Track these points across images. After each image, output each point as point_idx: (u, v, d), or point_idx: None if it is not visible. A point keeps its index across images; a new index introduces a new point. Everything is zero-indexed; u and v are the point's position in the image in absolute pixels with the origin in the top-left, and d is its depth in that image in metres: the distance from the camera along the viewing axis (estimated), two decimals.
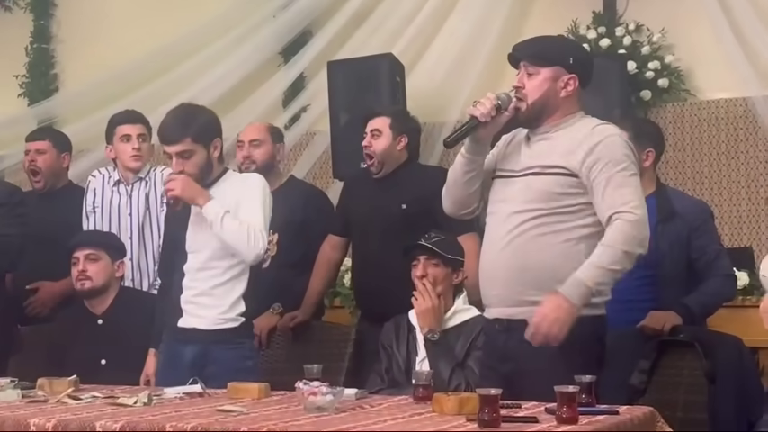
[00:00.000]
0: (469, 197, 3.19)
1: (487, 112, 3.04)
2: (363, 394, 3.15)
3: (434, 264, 3.58)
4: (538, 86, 3.07)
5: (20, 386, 3.32)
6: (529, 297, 3.02)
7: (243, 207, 3.51)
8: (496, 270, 3.09)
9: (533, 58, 3.09)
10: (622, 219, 2.93)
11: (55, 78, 6.70)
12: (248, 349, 3.64)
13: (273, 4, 6.00)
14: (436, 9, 5.68)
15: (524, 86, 3.08)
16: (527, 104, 3.07)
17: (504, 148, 3.18)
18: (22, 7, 6.75)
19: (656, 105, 5.31)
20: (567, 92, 3.08)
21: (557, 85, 3.07)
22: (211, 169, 3.59)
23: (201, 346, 3.55)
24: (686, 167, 5.27)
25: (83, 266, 4.03)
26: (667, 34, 5.31)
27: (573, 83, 3.08)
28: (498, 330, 3.11)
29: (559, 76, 3.07)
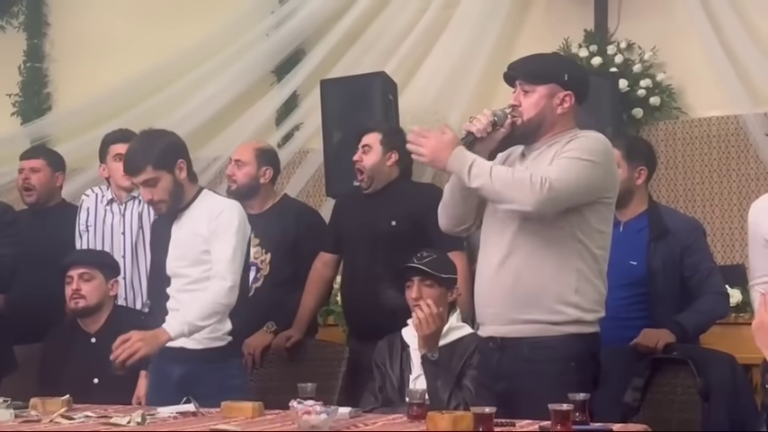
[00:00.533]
0: (466, 214, 3.19)
1: (484, 127, 3.05)
2: (357, 413, 3.15)
3: (428, 285, 3.57)
4: (534, 104, 3.08)
5: (12, 406, 3.31)
6: (523, 315, 3.02)
7: (215, 249, 3.53)
8: (492, 288, 3.09)
9: (529, 77, 3.11)
10: (534, 173, 2.92)
11: (48, 97, 6.71)
12: (235, 368, 3.64)
13: (266, 23, 6.02)
14: (428, 28, 5.71)
15: (520, 104, 3.09)
16: (523, 120, 3.09)
17: (501, 164, 3.18)
18: (15, 26, 6.76)
19: (648, 123, 5.33)
20: (564, 108, 3.09)
21: (552, 102, 3.09)
22: (182, 191, 3.61)
23: (188, 366, 3.56)
24: (678, 185, 5.29)
25: (77, 285, 4.02)
26: (659, 52, 5.34)
27: (569, 99, 3.10)
28: (492, 349, 3.10)
29: (555, 93, 3.09)
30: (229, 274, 3.50)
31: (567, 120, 3.11)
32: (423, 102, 5.61)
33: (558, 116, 3.09)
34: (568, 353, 2.97)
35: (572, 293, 2.98)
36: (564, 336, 2.99)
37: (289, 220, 4.44)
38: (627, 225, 3.93)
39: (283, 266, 4.39)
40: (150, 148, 3.60)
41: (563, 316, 2.99)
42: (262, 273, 4.38)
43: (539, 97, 3.08)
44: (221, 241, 3.54)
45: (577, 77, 3.17)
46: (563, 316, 2.99)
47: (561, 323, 2.99)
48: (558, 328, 3.00)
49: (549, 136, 3.10)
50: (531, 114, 3.08)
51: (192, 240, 3.59)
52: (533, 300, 3.00)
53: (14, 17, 6.77)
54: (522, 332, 3.00)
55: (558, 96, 3.09)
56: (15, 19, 6.77)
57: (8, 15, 6.78)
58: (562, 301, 2.99)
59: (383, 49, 5.75)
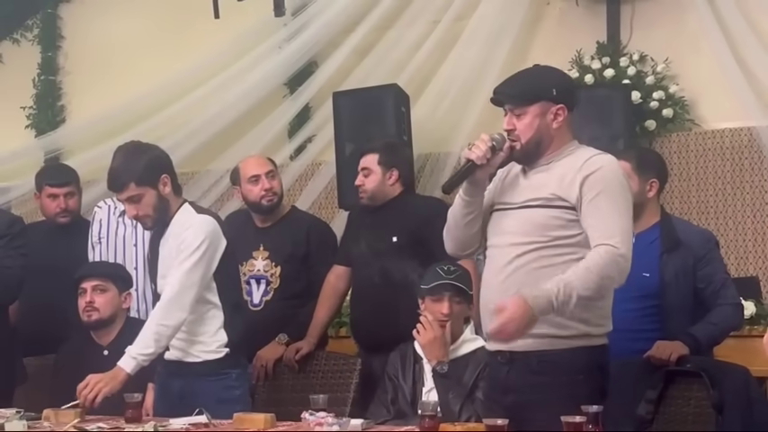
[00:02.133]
0: (471, 238, 3.19)
1: (483, 154, 3.04)
2: (369, 425, 3.14)
3: (458, 301, 3.57)
4: (529, 125, 3.06)
5: (25, 417, 3.32)
6: (533, 330, 2.99)
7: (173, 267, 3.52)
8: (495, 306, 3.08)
9: (517, 99, 3.09)
10: (607, 248, 2.91)
11: (62, 110, 6.74)
12: (234, 379, 3.63)
13: (279, 36, 6.04)
14: (441, 40, 5.71)
15: (515, 128, 3.08)
16: (521, 144, 3.07)
17: (501, 181, 3.19)
18: (29, 39, 6.80)
19: (661, 135, 5.32)
20: (558, 122, 3.07)
21: (546, 119, 3.07)
22: (168, 205, 3.61)
23: (186, 379, 3.59)
24: (691, 197, 5.27)
25: (90, 297, 4.02)
26: (671, 64, 5.34)
27: (562, 112, 3.08)
28: (501, 362, 3.09)
29: (547, 109, 3.07)
30: (173, 290, 3.48)
31: (563, 132, 3.10)
32: (435, 114, 5.62)
33: (554, 131, 3.08)
34: (576, 365, 2.96)
35: (581, 308, 2.96)
36: (572, 348, 2.99)
37: (298, 233, 4.44)
38: (639, 237, 3.92)
39: (293, 279, 4.39)
40: (133, 164, 3.57)
41: (571, 330, 2.98)
42: (272, 286, 4.38)
43: (532, 118, 3.06)
44: (178, 259, 3.53)
45: (565, 87, 3.15)
46: (571, 330, 2.98)
47: (570, 337, 2.98)
48: (567, 341, 2.99)
49: (550, 151, 3.09)
50: (528, 136, 3.06)
51: (171, 257, 3.60)
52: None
53: (29, 30, 6.81)
54: (530, 346, 2.99)
55: (551, 112, 3.07)
56: (30, 32, 6.80)
57: (23, 28, 6.82)
58: (572, 315, 2.97)
59: (395, 62, 5.76)
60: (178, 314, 3.48)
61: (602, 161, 3.04)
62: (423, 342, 3.51)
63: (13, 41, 6.84)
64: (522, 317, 2.85)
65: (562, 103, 3.08)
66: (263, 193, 4.38)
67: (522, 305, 2.86)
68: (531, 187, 3.08)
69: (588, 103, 5.10)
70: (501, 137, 3.08)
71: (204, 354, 3.59)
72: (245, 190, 4.44)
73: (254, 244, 4.44)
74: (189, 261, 3.50)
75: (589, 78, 5.38)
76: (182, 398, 3.53)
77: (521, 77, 3.20)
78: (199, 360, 3.59)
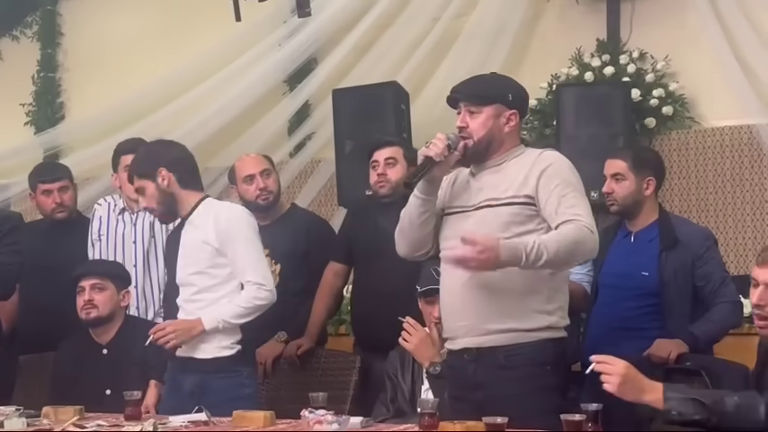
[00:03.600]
0: (424, 238, 3.26)
1: (441, 151, 3.11)
2: (369, 423, 3.14)
3: None
4: (482, 124, 3.16)
5: (25, 415, 3.32)
6: (498, 325, 3.08)
7: (237, 257, 3.57)
8: (463, 302, 3.14)
9: (474, 98, 3.19)
10: (576, 222, 3.00)
11: (61, 107, 6.74)
12: (246, 377, 3.64)
13: (279, 33, 6.03)
14: (440, 38, 5.71)
15: (468, 125, 3.16)
16: (474, 141, 3.16)
17: (450, 187, 3.26)
18: (29, 36, 6.80)
19: (661, 133, 5.32)
20: (510, 127, 3.19)
21: (500, 121, 3.17)
22: (173, 199, 3.66)
23: (199, 376, 3.59)
24: (691, 195, 5.27)
25: (89, 296, 4.02)
26: (671, 62, 5.33)
27: (514, 118, 3.20)
28: (468, 360, 3.15)
29: (501, 113, 3.17)
30: (260, 277, 3.56)
31: (513, 137, 3.21)
32: (434, 111, 5.61)
33: (505, 134, 3.18)
34: (543, 357, 3.06)
35: (544, 301, 3.08)
36: (538, 341, 3.07)
37: (298, 231, 4.44)
38: (638, 235, 3.92)
39: (295, 277, 4.39)
40: (136, 158, 3.80)
41: (536, 322, 3.07)
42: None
43: (486, 118, 3.16)
44: (240, 247, 3.57)
45: (520, 96, 3.27)
46: (536, 322, 3.07)
47: (535, 329, 3.07)
48: (532, 333, 3.07)
49: (499, 153, 3.19)
50: (480, 135, 3.16)
51: (198, 249, 3.60)
52: (506, 311, 3.07)
53: (28, 27, 6.81)
54: (497, 341, 3.08)
55: (505, 116, 3.18)
56: (29, 29, 6.80)
57: (22, 25, 6.82)
58: (536, 309, 3.07)
59: (395, 59, 5.76)
60: (267, 295, 3.57)
61: (553, 156, 3.17)
62: (410, 348, 3.51)
63: (13, 38, 6.84)
64: (490, 250, 2.89)
65: (516, 108, 3.19)
66: (258, 192, 4.40)
67: (493, 241, 2.92)
68: (488, 188, 3.16)
69: (588, 100, 5.11)
70: (455, 136, 3.17)
71: (217, 350, 3.59)
72: (241, 189, 4.45)
73: None
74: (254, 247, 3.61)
75: (589, 76, 5.37)
76: (193, 394, 3.53)
77: (479, 80, 3.34)
78: (210, 357, 3.59)
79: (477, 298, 3.09)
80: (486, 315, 3.08)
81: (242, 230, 3.59)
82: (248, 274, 3.56)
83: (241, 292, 3.58)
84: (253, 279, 3.55)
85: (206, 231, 3.59)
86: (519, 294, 3.06)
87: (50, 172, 4.85)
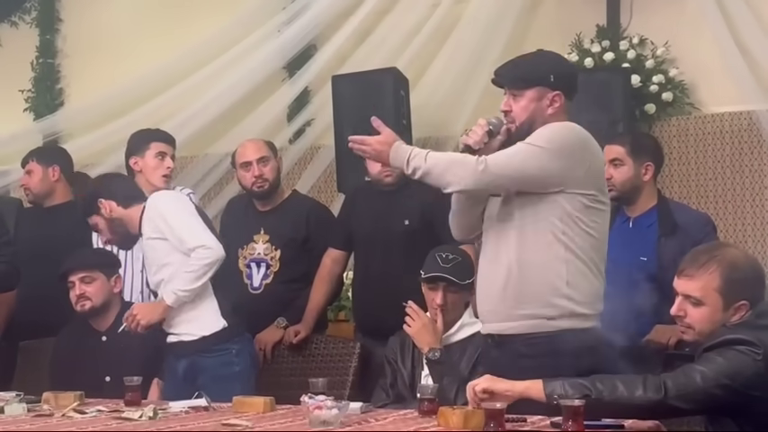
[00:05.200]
0: (475, 221, 3.24)
1: (480, 139, 3.10)
2: (368, 408, 3.15)
3: (453, 291, 3.56)
4: (524, 108, 3.12)
5: (25, 400, 3.33)
6: (517, 311, 3.06)
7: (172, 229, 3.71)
8: (488, 286, 3.14)
9: (515, 82, 3.16)
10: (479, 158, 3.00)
11: (60, 93, 6.72)
12: (234, 355, 3.72)
13: (278, 19, 6.01)
14: (440, 23, 5.69)
15: (511, 109, 3.14)
16: (516, 126, 3.13)
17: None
18: (27, 22, 6.78)
19: (661, 119, 5.31)
20: (554, 108, 3.13)
21: (542, 104, 3.13)
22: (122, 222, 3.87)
23: (190, 358, 3.70)
24: (691, 181, 5.27)
25: (80, 290, 4.03)
26: (671, 48, 5.32)
27: (558, 99, 3.14)
28: (491, 345, 3.15)
29: (543, 95, 3.13)
30: (197, 240, 3.66)
31: (558, 118, 3.14)
32: (434, 98, 5.61)
33: (548, 116, 3.13)
34: (562, 348, 3.00)
35: (563, 285, 3.02)
36: (558, 331, 3.03)
37: (299, 217, 4.44)
38: (636, 221, 3.93)
39: (293, 263, 4.39)
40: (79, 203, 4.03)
41: (556, 309, 3.02)
42: (272, 269, 4.39)
43: (528, 101, 3.12)
44: (169, 222, 3.70)
45: (564, 75, 3.19)
46: (556, 309, 3.02)
47: (555, 317, 3.02)
48: (553, 323, 3.03)
49: None
50: (522, 119, 3.13)
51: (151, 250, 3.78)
52: (526, 295, 3.05)
53: (27, 13, 6.78)
54: (517, 329, 3.06)
55: (547, 98, 3.13)
56: (28, 15, 6.78)
57: (21, 11, 6.80)
58: (554, 293, 3.03)
59: (394, 45, 5.74)
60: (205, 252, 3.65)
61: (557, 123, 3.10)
62: (412, 333, 3.52)
63: (11, 24, 6.82)
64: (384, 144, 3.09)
65: (559, 89, 3.13)
66: (254, 179, 4.41)
67: (391, 138, 3.10)
68: None
69: (587, 86, 5.06)
70: (498, 121, 3.14)
71: (201, 330, 3.70)
72: (239, 175, 4.49)
73: (254, 228, 4.45)
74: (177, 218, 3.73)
75: (588, 62, 5.36)
76: (185, 378, 3.64)
77: (521, 61, 3.26)
78: (197, 337, 3.69)
79: (498, 283, 3.09)
80: (507, 300, 3.07)
81: (163, 208, 3.73)
82: (187, 243, 3.66)
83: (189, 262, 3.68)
84: (191, 244, 3.65)
85: (146, 231, 3.75)
86: (538, 279, 3.03)
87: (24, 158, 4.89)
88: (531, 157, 3.02)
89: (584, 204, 3.05)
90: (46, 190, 4.77)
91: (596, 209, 3.08)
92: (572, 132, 3.09)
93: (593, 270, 3.08)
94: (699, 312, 2.80)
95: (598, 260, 3.10)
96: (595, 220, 3.08)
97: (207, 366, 3.62)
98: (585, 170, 3.06)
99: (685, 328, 2.85)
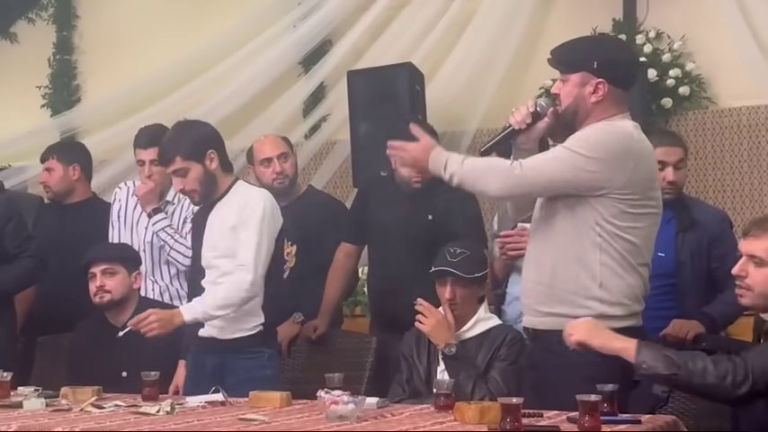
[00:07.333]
0: (525, 202, 3.19)
1: (522, 119, 3.05)
2: (385, 403, 3.16)
3: (462, 285, 3.54)
4: (569, 93, 3.05)
5: (44, 395, 3.35)
6: (549, 309, 3.04)
7: (240, 241, 3.56)
8: (527, 280, 3.14)
9: (561, 65, 3.10)
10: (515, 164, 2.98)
11: (77, 89, 6.75)
12: (267, 358, 3.66)
13: (293, 15, 6.02)
14: (456, 18, 5.69)
15: (560, 93, 3.07)
16: (561, 109, 3.07)
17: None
18: (44, 19, 6.81)
19: (677, 113, 5.29)
20: (597, 96, 3.01)
21: (585, 90, 3.02)
22: (214, 181, 3.65)
23: (220, 356, 3.62)
24: (708, 176, 5.25)
25: (100, 282, 4.03)
26: (688, 42, 5.30)
27: (602, 87, 3.00)
28: (529, 337, 3.17)
29: (587, 81, 3.02)
30: (251, 266, 3.53)
31: (604, 108, 3.03)
32: (450, 92, 5.60)
33: (592, 105, 3.02)
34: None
35: (596, 288, 2.98)
36: None
37: (314, 212, 4.45)
38: None
39: (311, 258, 4.40)
40: (180, 138, 3.66)
41: (586, 311, 2.97)
42: (288, 265, 4.39)
43: (572, 86, 3.04)
44: (246, 233, 3.57)
45: (611, 63, 3.06)
46: (586, 311, 2.97)
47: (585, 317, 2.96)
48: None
49: (586, 125, 3.04)
50: (566, 102, 3.05)
51: (223, 232, 3.62)
52: (558, 294, 3.02)
53: (44, 9, 6.82)
54: (550, 325, 3.02)
55: (591, 84, 3.02)
56: (45, 11, 6.81)
57: (38, 8, 6.83)
58: (585, 295, 2.99)
59: (410, 40, 5.74)
60: (252, 290, 3.54)
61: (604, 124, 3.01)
62: (426, 330, 3.51)
63: (29, 21, 6.85)
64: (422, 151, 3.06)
65: (604, 77, 3.01)
66: (275, 176, 4.42)
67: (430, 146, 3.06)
68: None
69: None
70: (547, 103, 3.08)
71: (239, 332, 3.62)
72: (258, 172, 4.48)
73: None
74: (257, 234, 3.55)
75: None
76: (214, 374, 3.57)
77: (570, 44, 3.18)
78: (231, 337, 3.62)
79: (533, 278, 3.09)
80: (540, 297, 3.06)
81: (255, 216, 3.58)
82: (244, 260, 3.54)
83: (228, 281, 3.56)
84: (245, 266, 3.53)
85: (231, 214, 3.61)
86: (570, 279, 2.99)
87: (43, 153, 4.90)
88: (567, 163, 2.94)
89: (622, 209, 2.97)
90: (66, 188, 4.79)
91: (637, 213, 3.00)
92: (615, 137, 2.98)
93: (630, 271, 3.02)
94: (761, 273, 2.79)
95: (638, 261, 3.04)
96: (635, 224, 3.00)
97: (238, 367, 3.57)
98: (628, 176, 2.97)
99: (744, 290, 2.83)
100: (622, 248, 3.00)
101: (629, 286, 3.02)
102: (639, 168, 3.00)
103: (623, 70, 3.10)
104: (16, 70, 6.76)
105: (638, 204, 3.00)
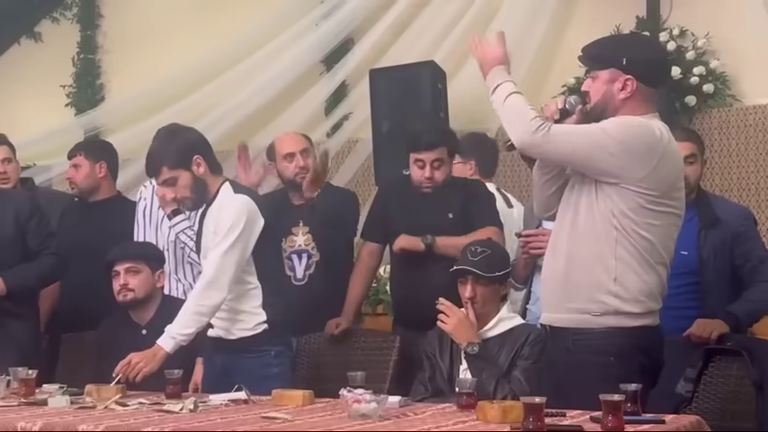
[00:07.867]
0: (549, 199, 3.18)
1: (550, 115, 3.04)
2: (407, 402, 3.15)
3: (483, 284, 3.53)
4: (598, 90, 3.04)
5: (68, 393, 3.37)
6: (566, 304, 3.03)
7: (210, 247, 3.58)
8: (546, 276, 3.14)
9: (590, 61, 3.10)
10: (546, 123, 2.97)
11: (101, 88, 6.80)
12: (273, 357, 3.67)
13: (316, 13, 6.04)
14: (478, 16, 5.68)
15: (589, 90, 3.06)
16: (590, 106, 3.05)
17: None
18: (69, 18, 6.86)
19: (701, 111, 5.26)
20: (626, 93, 2.99)
21: (614, 87, 3.01)
22: (205, 185, 3.64)
23: (227, 356, 3.66)
24: (732, 173, 5.22)
25: (124, 280, 4.04)
26: (712, 39, 5.27)
27: (630, 84, 2.98)
28: (548, 334, 3.15)
29: (616, 78, 3.00)
30: (211, 271, 3.53)
31: (634, 105, 3.01)
32: (472, 91, 5.59)
33: (620, 102, 3.01)
34: (608, 347, 2.94)
35: (611, 282, 2.96)
36: (605, 329, 2.97)
37: (333, 209, 4.44)
38: None
39: (333, 253, 4.41)
40: (164, 148, 3.63)
41: (602, 306, 2.97)
42: (314, 259, 4.41)
43: (601, 83, 3.03)
44: (214, 241, 3.57)
45: (640, 60, 3.03)
46: (602, 306, 2.97)
47: (601, 314, 2.97)
48: (599, 320, 2.97)
49: None
50: (595, 99, 3.04)
51: (209, 236, 3.66)
52: (574, 288, 3.01)
53: (68, 9, 6.87)
54: (565, 322, 3.02)
55: (620, 81, 3.00)
56: (69, 11, 6.87)
57: (62, 7, 6.88)
58: (600, 289, 2.97)
59: (432, 38, 5.74)
60: (216, 294, 3.53)
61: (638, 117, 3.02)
62: (449, 329, 3.50)
63: (53, 20, 6.90)
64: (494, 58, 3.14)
65: (632, 74, 2.99)
66: (298, 170, 4.42)
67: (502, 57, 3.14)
68: None
69: None
70: (576, 100, 3.07)
71: (242, 331, 3.64)
72: (281, 167, 4.48)
73: (293, 220, 4.46)
74: (225, 242, 3.54)
75: None
76: (223, 373, 3.61)
77: (602, 41, 3.19)
78: (236, 337, 3.65)
79: (551, 273, 3.08)
80: (558, 292, 3.05)
81: (225, 223, 3.55)
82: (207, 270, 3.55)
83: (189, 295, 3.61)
84: (204, 272, 3.55)
85: (210, 220, 3.64)
86: (587, 273, 2.98)
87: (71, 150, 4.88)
88: (593, 138, 2.94)
89: (640, 203, 2.96)
90: (92, 185, 4.80)
91: (656, 211, 2.98)
92: (644, 131, 2.97)
93: (647, 268, 3.00)
94: None
95: (655, 260, 3.01)
96: (653, 221, 2.98)
97: (244, 367, 3.58)
98: (647, 171, 2.94)
99: None
100: (639, 245, 2.98)
101: (645, 283, 3.00)
102: (662, 167, 2.98)
103: (652, 68, 3.07)
104: (41, 69, 6.82)
105: (657, 202, 2.99)
